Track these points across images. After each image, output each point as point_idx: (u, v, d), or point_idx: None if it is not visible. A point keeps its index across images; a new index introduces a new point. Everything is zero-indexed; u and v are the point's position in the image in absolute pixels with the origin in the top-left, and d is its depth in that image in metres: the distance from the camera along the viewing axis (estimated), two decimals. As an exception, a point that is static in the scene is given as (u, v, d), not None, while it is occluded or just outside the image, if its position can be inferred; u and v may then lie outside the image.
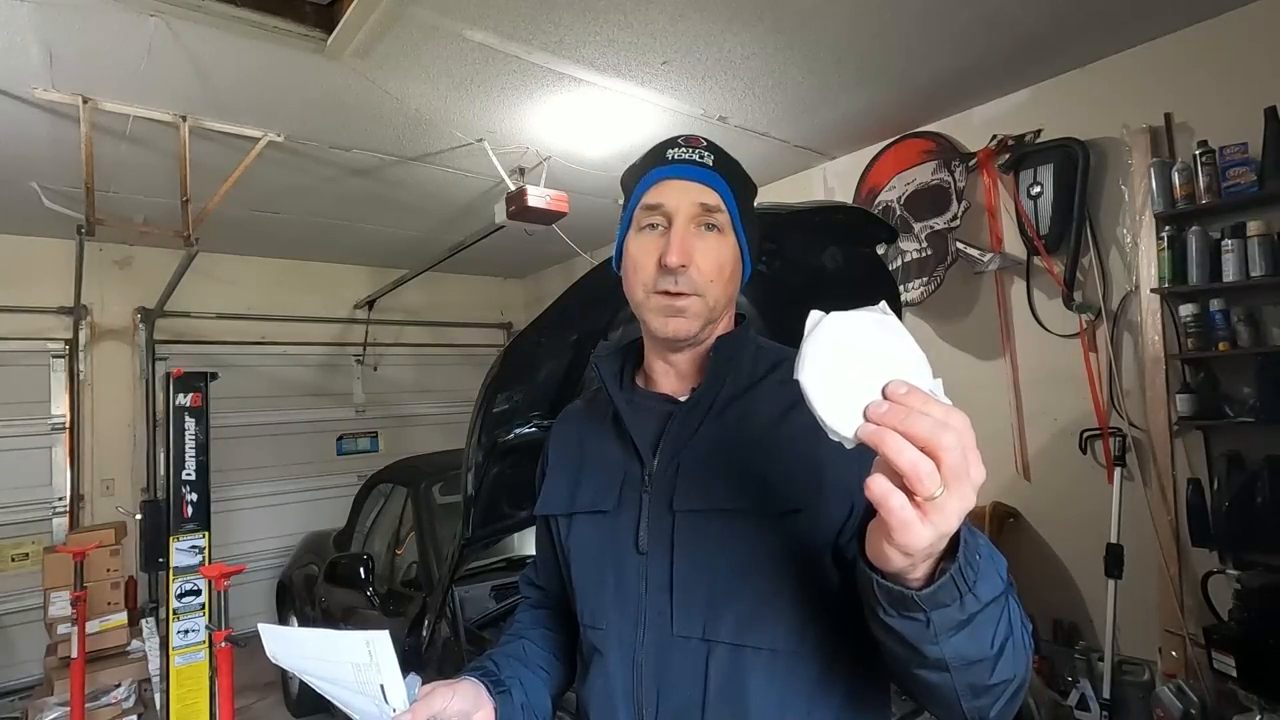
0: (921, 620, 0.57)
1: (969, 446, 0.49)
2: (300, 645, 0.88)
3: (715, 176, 0.86)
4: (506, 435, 1.80)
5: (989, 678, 0.62)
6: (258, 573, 5.00)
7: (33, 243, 4.61)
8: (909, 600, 0.56)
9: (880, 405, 0.50)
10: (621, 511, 0.88)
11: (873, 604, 0.60)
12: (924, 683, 0.64)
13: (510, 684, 0.94)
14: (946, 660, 0.59)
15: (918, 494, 0.49)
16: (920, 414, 0.49)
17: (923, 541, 0.50)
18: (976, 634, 0.59)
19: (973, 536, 0.56)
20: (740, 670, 0.78)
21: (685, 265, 0.82)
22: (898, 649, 0.62)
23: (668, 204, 0.85)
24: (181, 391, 3.03)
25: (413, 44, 2.58)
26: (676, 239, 0.83)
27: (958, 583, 0.55)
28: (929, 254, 3.49)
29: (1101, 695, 2.84)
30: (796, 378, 0.54)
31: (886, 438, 0.49)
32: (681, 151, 0.87)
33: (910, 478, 0.48)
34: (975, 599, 0.56)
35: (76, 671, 3.20)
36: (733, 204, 0.86)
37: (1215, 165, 2.61)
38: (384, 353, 6.18)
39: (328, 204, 4.38)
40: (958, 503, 0.49)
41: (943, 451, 0.48)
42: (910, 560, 0.53)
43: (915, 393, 0.50)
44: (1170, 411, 2.79)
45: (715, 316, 0.87)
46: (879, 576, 0.57)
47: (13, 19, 2.30)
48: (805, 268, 1.65)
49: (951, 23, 2.66)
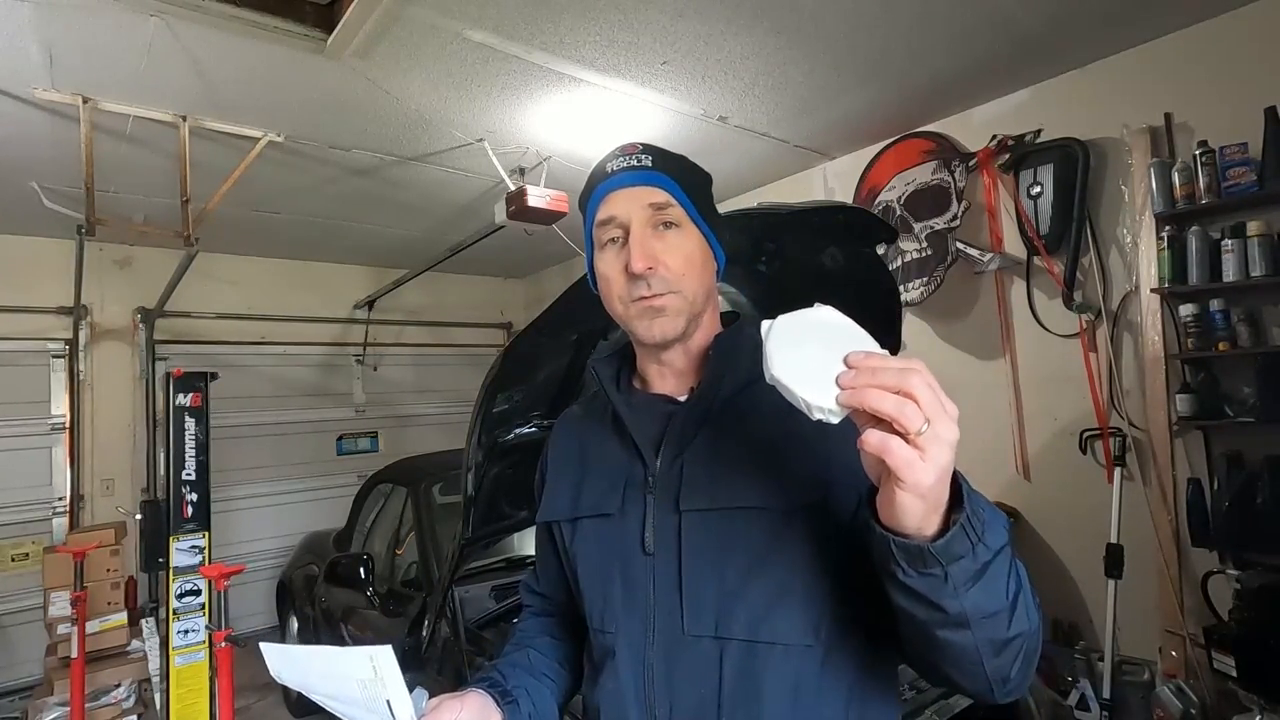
0: (939, 574, 0.59)
1: (934, 385, 0.55)
2: (304, 663, 0.87)
3: (657, 175, 0.86)
4: (506, 435, 1.80)
5: (1006, 630, 0.64)
6: (258, 573, 5.00)
7: (33, 243, 4.62)
8: (925, 554, 0.58)
9: (848, 373, 0.56)
10: (626, 513, 0.88)
11: (891, 568, 0.62)
12: (946, 645, 0.65)
13: (518, 694, 0.94)
14: (967, 613, 0.61)
15: (909, 430, 0.53)
16: (884, 369, 0.55)
17: (929, 476, 0.54)
18: (991, 585, 0.61)
19: (973, 492, 0.60)
20: (754, 667, 0.78)
21: (652, 267, 0.83)
22: (918, 610, 0.63)
23: (619, 214, 0.86)
24: (181, 391, 3.03)
25: (413, 44, 2.58)
26: (636, 245, 0.84)
27: (968, 531, 0.58)
28: (929, 254, 3.49)
29: (1101, 695, 2.84)
30: (769, 377, 0.60)
31: (866, 394, 0.55)
32: (619, 161, 0.88)
33: (896, 418, 0.53)
34: (986, 547, 0.59)
35: (76, 671, 3.20)
36: (683, 197, 0.86)
37: (1215, 165, 2.61)
38: (384, 353, 6.18)
39: (328, 204, 4.39)
40: (946, 432, 0.54)
41: (915, 390, 0.54)
42: (923, 503, 0.56)
43: (873, 355, 0.57)
44: (1170, 411, 2.79)
45: (697, 310, 0.87)
46: (895, 535, 0.60)
47: (13, 19, 2.30)
48: (805, 268, 1.64)
49: (951, 23, 2.66)
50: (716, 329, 0.93)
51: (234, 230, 4.68)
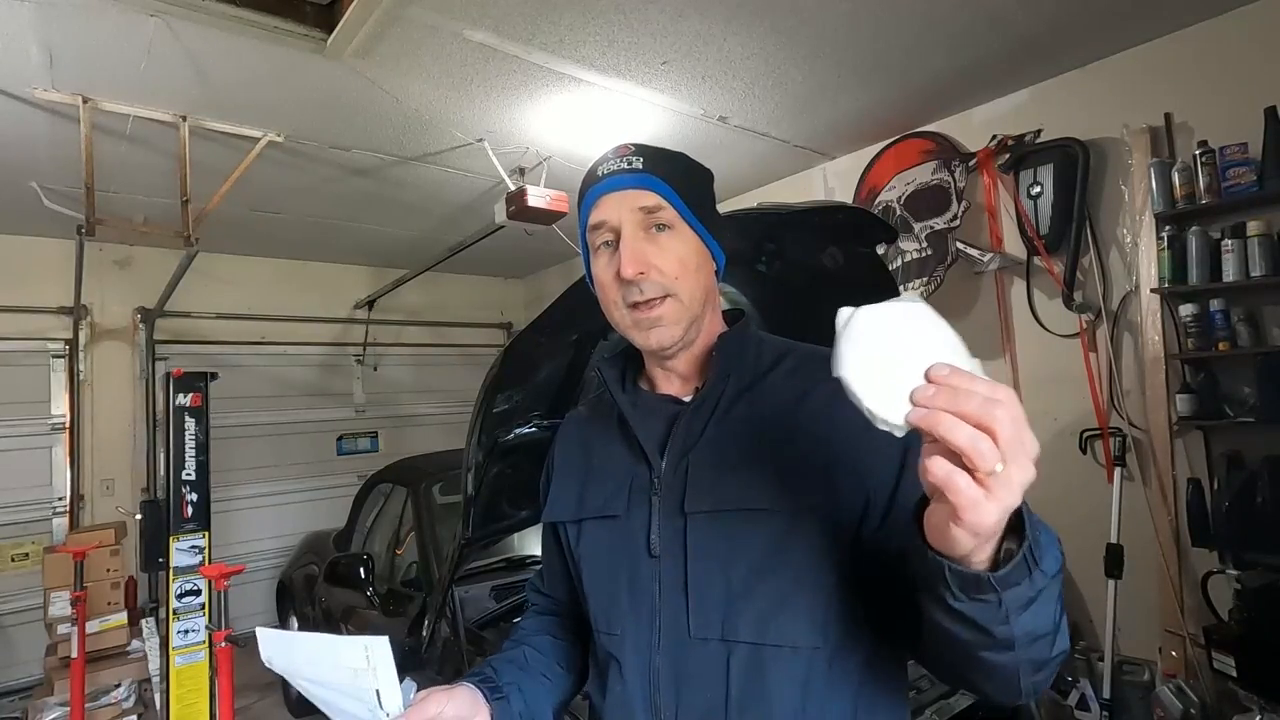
0: (993, 601, 0.56)
1: (1020, 419, 0.49)
2: (297, 649, 0.88)
3: (648, 178, 0.85)
4: (506, 435, 1.80)
5: (1050, 651, 0.62)
6: (258, 573, 5.00)
7: (33, 243, 4.62)
8: (983, 583, 0.55)
9: (927, 388, 0.50)
10: (632, 515, 0.88)
11: (940, 591, 0.58)
12: (987, 665, 0.63)
13: (509, 690, 0.92)
14: (1015, 638, 0.58)
15: (979, 470, 0.48)
16: (968, 392, 0.49)
17: (991, 518, 0.50)
18: (1042, 609, 0.58)
19: (1029, 511, 0.55)
20: (762, 669, 0.77)
21: (643, 272, 0.82)
22: (965, 633, 0.60)
23: (610, 218, 0.85)
24: (181, 391, 3.04)
25: (413, 44, 2.58)
26: (626, 250, 0.83)
27: (1028, 560, 0.54)
28: (929, 254, 3.49)
29: (1101, 695, 2.84)
30: (837, 375, 0.54)
31: (939, 419, 0.48)
32: (610, 164, 0.87)
33: (970, 454, 0.48)
34: (1043, 574, 0.56)
35: (76, 671, 3.20)
36: (675, 198, 0.85)
37: (1215, 165, 2.61)
38: (384, 353, 6.18)
39: (328, 204, 4.38)
40: (1019, 474, 0.49)
41: (997, 425, 0.48)
42: (978, 540, 0.52)
43: (958, 373, 0.50)
44: (1170, 411, 2.79)
45: (696, 314, 0.86)
46: (950, 562, 0.56)
47: (13, 19, 2.30)
48: (805, 268, 1.65)
49: (951, 23, 2.66)
50: (719, 328, 0.92)
51: (234, 230, 4.68)
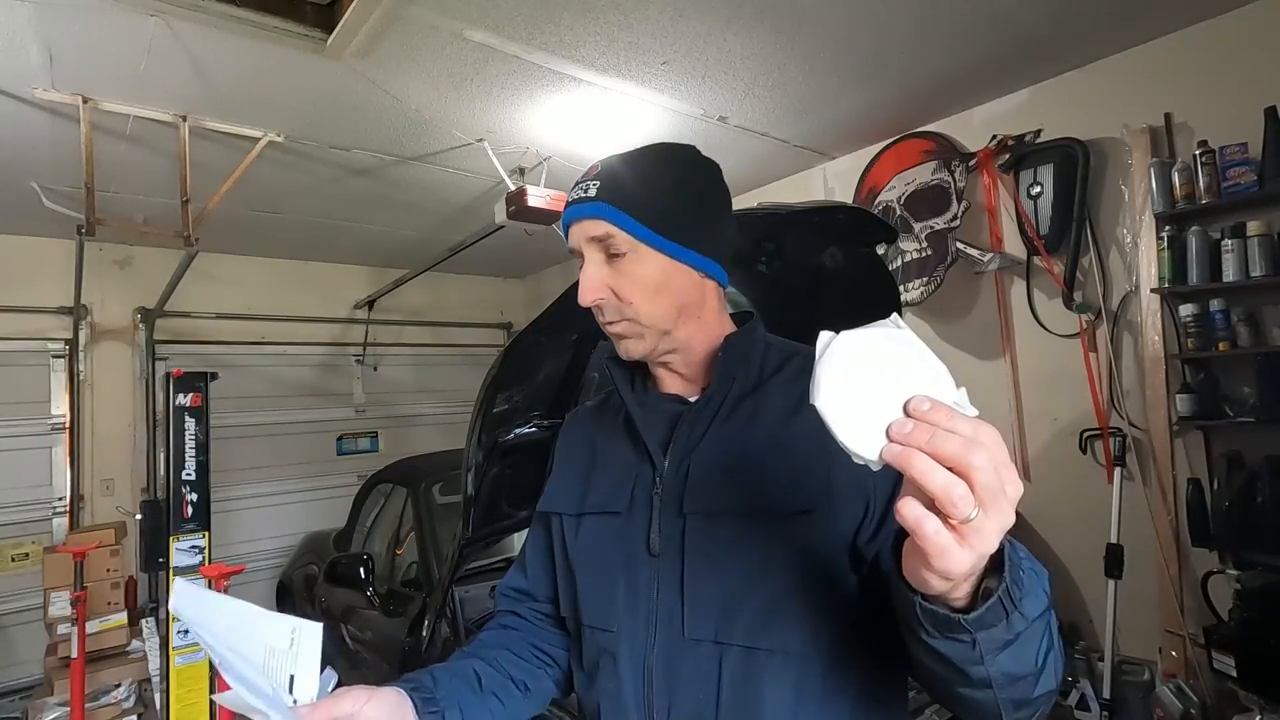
0: (967, 642, 0.54)
1: (1002, 462, 0.46)
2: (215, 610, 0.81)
3: (597, 206, 0.84)
4: (506, 435, 1.80)
5: (1033, 692, 0.61)
6: (258, 573, 5.00)
7: (33, 243, 4.61)
8: (955, 624, 0.54)
9: (904, 424, 0.47)
10: (633, 513, 0.88)
11: (914, 625, 0.57)
12: (967, 700, 0.63)
13: (445, 705, 0.86)
14: (991, 679, 0.58)
15: (952, 517, 0.46)
16: (946, 432, 0.46)
17: (963, 566, 0.48)
18: (1022, 651, 0.57)
19: (1014, 551, 0.53)
20: (753, 673, 0.77)
21: (600, 299, 0.85)
22: (940, 669, 0.60)
23: (575, 246, 0.89)
24: (181, 391, 3.04)
25: (413, 44, 2.58)
26: (583, 279, 0.87)
27: (1005, 603, 0.52)
28: (929, 254, 3.49)
29: (1101, 695, 2.84)
30: (813, 403, 0.51)
31: (914, 459, 0.46)
32: (575, 192, 0.88)
33: (943, 501, 0.46)
34: (1022, 617, 0.54)
35: (76, 671, 3.20)
36: (629, 222, 0.83)
37: (1215, 165, 2.61)
38: (384, 353, 6.17)
39: (328, 204, 4.38)
40: (996, 522, 0.47)
41: (974, 472, 0.45)
42: (950, 583, 0.51)
43: (939, 408, 0.47)
44: (1170, 411, 2.79)
45: (664, 329, 0.86)
46: (921, 599, 0.54)
47: (13, 19, 2.30)
48: (805, 268, 1.65)
49: (951, 23, 2.66)
50: (723, 330, 0.91)
51: (234, 230, 4.67)
